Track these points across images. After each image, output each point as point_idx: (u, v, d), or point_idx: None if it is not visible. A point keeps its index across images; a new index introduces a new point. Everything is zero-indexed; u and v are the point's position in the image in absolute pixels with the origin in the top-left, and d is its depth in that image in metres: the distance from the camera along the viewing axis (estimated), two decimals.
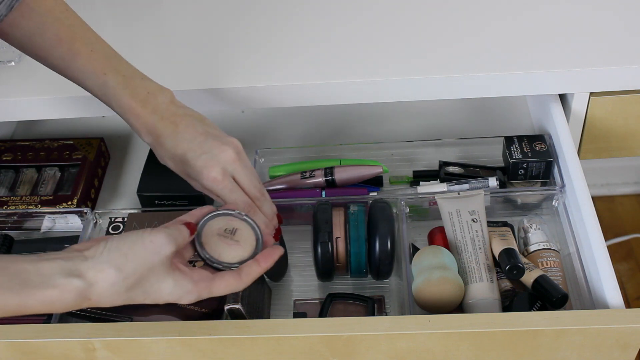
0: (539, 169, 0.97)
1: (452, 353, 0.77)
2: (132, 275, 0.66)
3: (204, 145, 0.79)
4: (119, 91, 0.80)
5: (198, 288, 0.70)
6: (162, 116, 0.81)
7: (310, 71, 0.96)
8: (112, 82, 0.80)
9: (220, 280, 0.72)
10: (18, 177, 1.08)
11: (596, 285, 0.82)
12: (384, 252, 0.87)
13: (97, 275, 0.65)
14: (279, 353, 0.78)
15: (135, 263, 0.66)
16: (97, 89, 0.81)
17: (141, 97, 0.81)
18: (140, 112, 0.80)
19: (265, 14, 1.06)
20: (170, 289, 0.69)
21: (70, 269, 0.65)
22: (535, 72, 0.93)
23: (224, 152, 0.79)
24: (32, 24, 0.80)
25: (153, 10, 1.10)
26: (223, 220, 0.77)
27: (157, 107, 0.81)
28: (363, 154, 1.08)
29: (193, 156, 0.79)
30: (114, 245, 0.67)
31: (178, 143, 0.80)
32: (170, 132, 0.80)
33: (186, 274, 0.70)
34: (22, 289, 0.63)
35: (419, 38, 0.99)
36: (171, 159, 0.81)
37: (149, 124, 0.80)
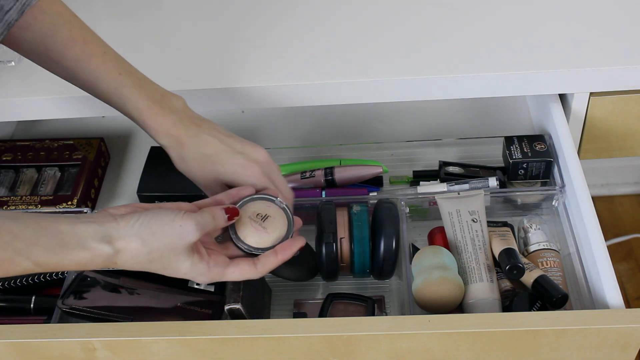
0: (539, 169, 0.97)
1: (452, 353, 0.77)
2: (155, 252, 0.70)
3: (236, 146, 0.81)
4: (136, 90, 0.80)
5: (211, 273, 0.74)
6: (182, 117, 0.81)
7: (310, 71, 0.96)
8: (127, 82, 0.80)
9: (234, 267, 0.75)
10: (18, 177, 1.08)
11: (596, 285, 0.82)
12: (389, 252, 0.87)
13: (125, 245, 0.70)
14: (279, 353, 0.78)
15: (161, 242, 0.70)
16: (112, 90, 0.81)
17: (157, 97, 0.81)
18: (158, 112, 0.80)
19: (265, 14, 1.06)
20: (187, 269, 0.72)
21: (103, 234, 0.69)
22: (535, 72, 0.93)
23: (258, 153, 0.81)
24: (44, 26, 0.80)
25: (152, 10, 1.10)
26: (260, 204, 0.78)
27: (174, 109, 0.81)
28: (363, 154, 1.08)
29: (227, 156, 0.80)
30: (146, 220, 0.71)
31: (207, 143, 0.81)
32: (193, 132, 0.81)
33: (203, 258, 0.73)
34: (61, 249, 0.68)
35: (419, 38, 0.99)
36: (196, 159, 0.81)
37: (168, 123, 0.80)
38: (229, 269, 0.75)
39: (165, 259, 0.71)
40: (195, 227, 0.71)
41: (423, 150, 1.09)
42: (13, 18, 0.78)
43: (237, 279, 0.75)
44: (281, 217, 0.78)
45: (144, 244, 0.70)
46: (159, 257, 0.71)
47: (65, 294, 0.86)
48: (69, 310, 0.85)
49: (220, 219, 0.75)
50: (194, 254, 0.72)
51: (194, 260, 0.72)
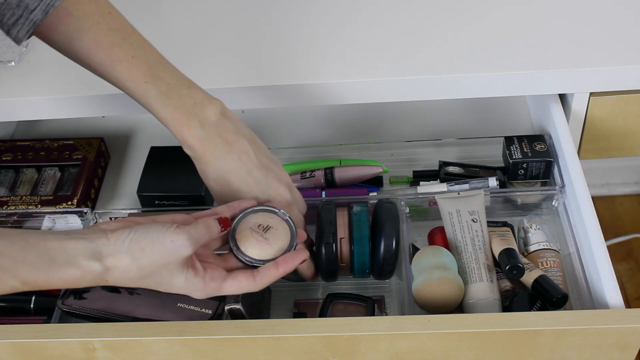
0: (539, 169, 0.97)
1: (452, 353, 0.77)
2: (146, 268, 0.69)
3: (261, 184, 0.79)
4: (161, 100, 0.76)
5: (207, 288, 0.73)
6: (211, 132, 0.77)
7: (310, 71, 0.96)
8: (153, 91, 0.76)
9: (232, 281, 0.74)
10: (18, 177, 1.08)
11: (596, 285, 0.82)
12: (389, 252, 0.87)
13: (114, 262, 0.69)
14: (279, 353, 0.78)
15: (151, 259, 0.69)
16: (138, 97, 0.78)
17: (187, 107, 0.77)
18: (183, 124, 0.76)
19: (265, 14, 1.06)
20: (181, 285, 0.71)
21: (92, 251, 0.68)
22: (535, 72, 0.93)
23: (279, 195, 0.80)
24: (69, 28, 0.77)
25: (152, 10, 1.10)
26: (262, 216, 0.77)
27: (204, 121, 0.77)
28: (363, 154, 1.08)
29: (248, 191, 0.79)
30: (137, 236, 0.69)
31: (232, 171, 0.78)
32: (221, 152, 0.77)
33: (198, 273, 0.72)
34: (49, 266, 0.67)
35: (419, 38, 0.99)
36: (217, 181, 0.79)
37: (194, 138, 0.77)
38: (227, 282, 0.73)
39: (157, 275, 0.70)
40: (188, 242, 0.69)
41: (423, 150, 1.09)
42: (38, 18, 0.77)
43: (235, 293, 0.74)
44: (284, 229, 0.77)
45: (134, 261, 0.69)
46: (151, 273, 0.70)
47: (65, 294, 0.86)
48: (69, 310, 0.85)
49: (213, 230, 0.73)
50: (187, 269, 0.71)
51: (187, 275, 0.71)
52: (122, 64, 0.77)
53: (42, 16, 0.77)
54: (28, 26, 0.77)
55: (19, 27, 0.77)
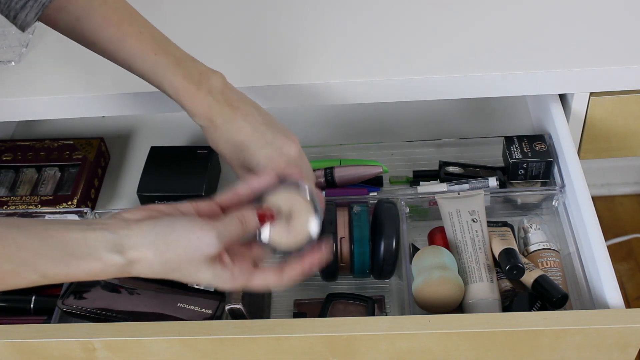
0: (539, 169, 0.97)
1: (452, 353, 0.77)
2: (171, 263, 0.67)
3: (267, 136, 0.80)
4: (172, 71, 0.79)
5: (235, 282, 0.70)
6: (218, 98, 0.80)
7: (310, 71, 0.96)
8: (163, 62, 0.79)
9: (260, 276, 0.71)
10: (18, 177, 1.08)
11: (596, 285, 0.82)
12: (389, 252, 0.87)
13: (138, 255, 0.67)
14: (279, 353, 0.78)
15: (176, 253, 0.67)
16: (148, 70, 0.80)
17: (194, 78, 0.79)
18: (194, 93, 0.79)
19: (265, 14, 1.06)
20: (209, 279, 0.69)
21: (114, 243, 0.66)
22: (535, 72, 0.93)
23: (288, 146, 0.80)
24: (78, 8, 0.79)
25: (152, 10, 1.10)
26: (284, 197, 0.73)
27: (211, 89, 0.80)
28: (363, 154, 1.08)
29: (255, 146, 0.79)
30: (162, 229, 0.67)
31: (239, 129, 0.80)
32: (228, 116, 0.80)
33: (227, 267, 0.70)
34: (70, 259, 0.65)
35: (419, 38, 0.99)
36: (227, 143, 0.80)
37: (204, 105, 0.79)
38: (255, 277, 0.71)
39: (183, 269, 0.68)
40: (216, 240, 0.68)
41: (423, 150, 1.08)
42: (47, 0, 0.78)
43: (261, 288, 0.72)
44: (306, 210, 0.73)
45: (158, 255, 0.67)
46: (177, 267, 0.68)
47: (65, 294, 0.86)
48: (69, 310, 0.85)
49: (250, 224, 0.71)
50: (215, 264, 0.69)
51: (215, 270, 0.69)
52: (131, 38, 0.79)
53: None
54: (37, 8, 0.78)
55: (27, 10, 0.78)
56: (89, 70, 0.98)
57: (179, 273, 0.69)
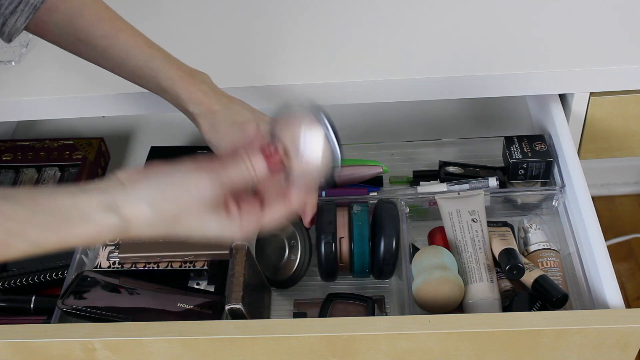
0: (539, 169, 0.97)
1: (452, 353, 0.77)
2: (171, 216, 0.64)
3: (266, 119, 0.83)
4: (167, 61, 0.82)
5: (244, 227, 0.66)
6: (212, 88, 0.84)
7: (310, 71, 0.96)
8: (158, 54, 0.83)
9: (269, 211, 0.67)
10: (18, 177, 1.08)
11: (596, 285, 0.82)
12: (389, 252, 0.87)
13: (134, 212, 0.63)
14: (279, 353, 0.78)
15: (173, 204, 0.64)
16: (143, 63, 0.82)
17: (187, 69, 0.83)
18: (190, 81, 0.82)
19: (265, 14, 1.06)
20: (215, 229, 0.66)
21: (108, 203, 0.63)
22: (535, 72, 0.93)
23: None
24: (71, 6, 0.81)
25: (153, 10, 1.10)
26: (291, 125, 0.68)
27: (204, 79, 0.84)
28: (363, 154, 1.08)
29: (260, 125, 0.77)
30: (157, 184, 0.64)
31: (239, 112, 0.83)
32: (225, 103, 0.83)
33: (232, 212, 0.66)
34: (61, 226, 0.62)
35: (419, 38, 0.99)
36: (227, 127, 0.82)
37: (201, 92, 0.82)
38: (265, 215, 0.67)
39: (185, 222, 0.65)
40: (213, 182, 0.64)
41: (423, 150, 1.08)
42: (39, 1, 0.79)
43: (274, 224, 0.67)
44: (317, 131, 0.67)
45: (156, 209, 0.63)
46: (176, 219, 0.64)
47: (65, 294, 0.86)
48: (69, 310, 0.85)
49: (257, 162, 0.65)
50: (219, 212, 0.65)
51: (219, 217, 0.65)
52: (125, 32, 0.82)
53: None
54: (28, 12, 0.78)
55: (17, 15, 0.78)
56: (89, 70, 0.97)
57: (182, 228, 0.65)
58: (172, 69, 0.82)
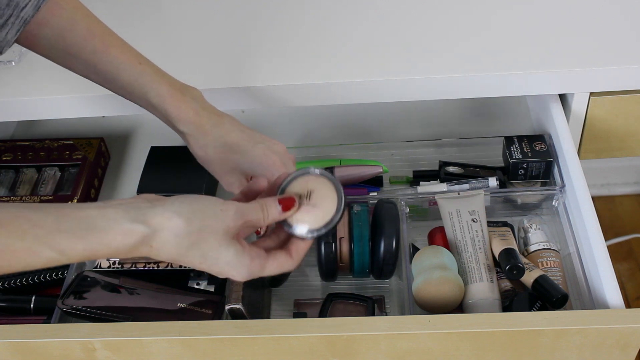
0: (539, 169, 0.97)
1: (452, 353, 0.77)
2: (196, 232, 0.65)
3: (256, 137, 0.83)
4: (157, 79, 0.81)
5: (252, 265, 0.68)
6: (203, 106, 0.82)
7: (310, 71, 0.96)
8: (148, 70, 0.81)
9: (273, 260, 0.70)
10: (18, 177, 1.08)
11: (596, 285, 0.82)
12: (389, 253, 0.87)
13: (163, 222, 0.65)
14: (279, 353, 0.78)
15: (201, 222, 0.66)
16: (133, 80, 0.81)
17: (177, 86, 0.82)
18: (180, 99, 0.81)
19: (265, 14, 1.06)
20: (229, 259, 0.67)
21: (135, 215, 0.64)
22: (535, 72, 0.93)
23: (277, 145, 0.83)
24: (62, 20, 0.80)
25: (154, 10, 1.10)
26: (301, 181, 0.73)
27: (195, 97, 0.83)
28: (363, 154, 1.08)
29: (249, 145, 0.81)
30: (186, 200, 0.67)
31: (229, 132, 0.82)
32: (215, 122, 0.82)
33: (245, 249, 0.68)
34: (87, 233, 0.63)
35: (419, 38, 0.99)
36: (217, 147, 0.82)
37: (191, 110, 0.81)
38: (269, 262, 0.70)
39: (205, 244, 0.66)
40: (239, 213, 0.67)
41: (423, 150, 1.09)
42: (29, 15, 0.78)
43: (274, 273, 0.70)
44: (325, 186, 0.72)
45: (185, 222, 0.65)
46: (200, 240, 0.66)
47: (65, 294, 0.86)
48: (69, 310, 0.85)
49: (272, 210, 0.70)
50: (235, 242, 0.67)
51: (236, 248, 0.67)
52: (116, 48, 0.81)
53: (33, 12, 0.78)
54: (18, 25, 0.78)
55: (8, 28, 0.78)
56: None
57: (199, 250, 0.66)
58: (163, 86, 0.81)
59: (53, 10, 0.79)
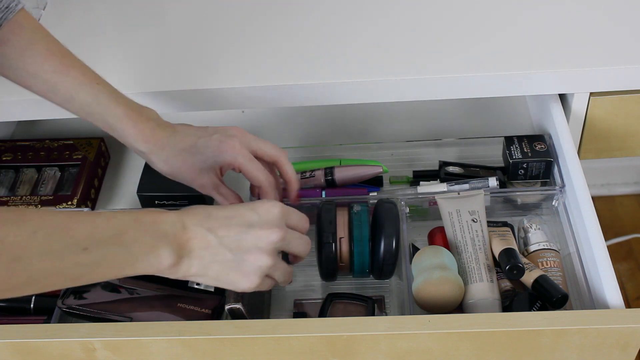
0: (539, 169, 0.97)
1: (452, 353, 0.77)
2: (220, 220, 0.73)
3: (210, 130, 0.84)
4: (114, 99, 0.83)
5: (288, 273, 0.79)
6: (158, 123, 0.84)
7: (310, 71, 0.96)
8: (105, 91, 0.83)
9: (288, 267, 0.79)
10: (18, 177, 1.08)
11: (596, 285, 0.82)
12: (389, 253, 0.87)
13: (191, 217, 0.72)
14: (279, 353, 0.78)
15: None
16: (91, 100, 0.82)
17: (134, 107, 0.84)
18: (136, 118, 0.83)
19: (265, 14, 1.06)
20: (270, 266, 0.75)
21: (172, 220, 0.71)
22: (535, 72, 0.93)
23: (232, 129, 0.84)
24: (22, 39, 0.81)
25: (153, 11, 1.10)
26: None
27: (150, 116, 0.84)
28: (363, 154, 1.08)
29: (204, 141, 0.83)
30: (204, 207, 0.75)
31: (183, 138, 0.83)
32: (169, 133, 0.83)
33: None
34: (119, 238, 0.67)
35: (419, 38, 0.99)
36: (178, 155, 0.83)
37: (147, 129, 0.83)
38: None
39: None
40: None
41: (423, 150, 1.08)
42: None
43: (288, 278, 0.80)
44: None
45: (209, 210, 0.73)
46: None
47: (65, 294, 0.86)
48: (69, 310, 0.85)
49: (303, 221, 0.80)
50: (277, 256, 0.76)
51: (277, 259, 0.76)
52: (75, 69, 0.82)
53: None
54: None
55: None
56: None
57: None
58: (120, 107, 0.82)
59: (14, 29, 0.80)
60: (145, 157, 0.85)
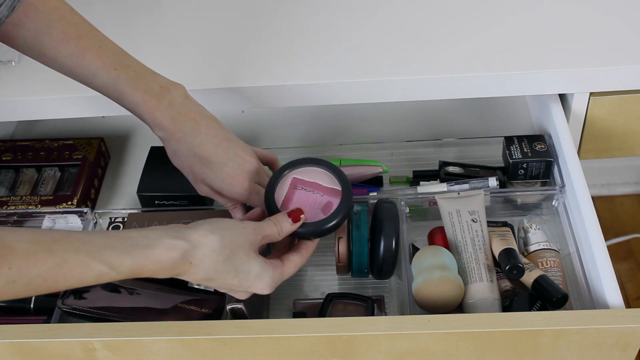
0: (539, 169, 0.97)
1: (452, 353, 0.77)
2: (228, 247, 0.72)
3: (229, 152, 0.82)
4: (132, 85, 0.80)
5: (275, 274, 0.76)
6: (180, 111, 0.81)
7: (310, 71, 0.96)
8: (123, 76, 0.80)
9: (288, 264, 0.78)
10: (18, 177, 1.08)
11: (596, 285, 0.82)
12: (389, 252, 0.87)
13: (200, 238, 0.71)
14: (279, 353, 0.78)
15: (230, 238, 0.72)
16: (109, 85, 0.81)
17: (155, 91, 0.81)
18: (154, 106, 0.80)
19: (265, 14, 1.06)
20: (258, 271, 0.74)
21: (174, 233, 0.70)
22: (535, 72, 0.93)
23: (248, 163, 0.83)
24: (38, 23, 0.79)
25: (154, 10, 1.10)
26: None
27: (172, 102, 0.81)
28: (363, 154, 1.08)
29: (219, 162, 0.82)
30: (212, 221, 0.73)
31: (202, 144, 0.81)
32: (190, 129, 0.81)
33: (266, 261, 0.76)
34: (133, 249, 0.67)
35: (419, 38, 0.99)
36: (189, 157, 0.82)
37: (165, 118, 0.81)
38: (286, 267, 0.78)
39: (236, 257, 0.72)
40: (257, 230, 0.75)
41: (423, 150, 1.09)
42: (4, 14, 0.77)
43: (291, 274, 0.78)
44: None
45: (219, 237, 0.71)
46: (232, 254, 0.72)
47: (65, 294, 0.86)
48: (69, 310, 0.85)
49: (284, 224, 0.78)
50: (259, 255, 0.75)
51: (261, 261, 0.74)
52: (91, 53, 0.80)
53: (8, 12, 0.78)
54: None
55: None
56: None
57: (232, 264, 0.72)
58: (137, 93, 0.80)
59: (29, 12, 0.79)
60: (161, 141, 0.84)
